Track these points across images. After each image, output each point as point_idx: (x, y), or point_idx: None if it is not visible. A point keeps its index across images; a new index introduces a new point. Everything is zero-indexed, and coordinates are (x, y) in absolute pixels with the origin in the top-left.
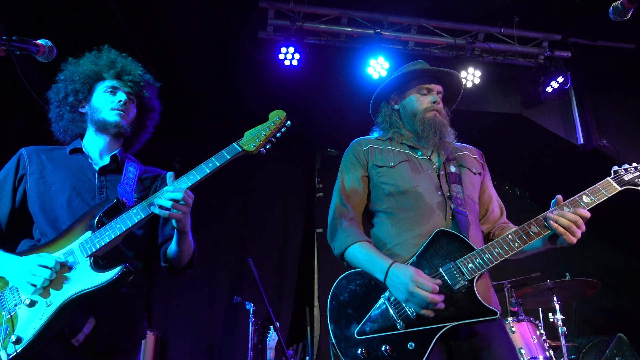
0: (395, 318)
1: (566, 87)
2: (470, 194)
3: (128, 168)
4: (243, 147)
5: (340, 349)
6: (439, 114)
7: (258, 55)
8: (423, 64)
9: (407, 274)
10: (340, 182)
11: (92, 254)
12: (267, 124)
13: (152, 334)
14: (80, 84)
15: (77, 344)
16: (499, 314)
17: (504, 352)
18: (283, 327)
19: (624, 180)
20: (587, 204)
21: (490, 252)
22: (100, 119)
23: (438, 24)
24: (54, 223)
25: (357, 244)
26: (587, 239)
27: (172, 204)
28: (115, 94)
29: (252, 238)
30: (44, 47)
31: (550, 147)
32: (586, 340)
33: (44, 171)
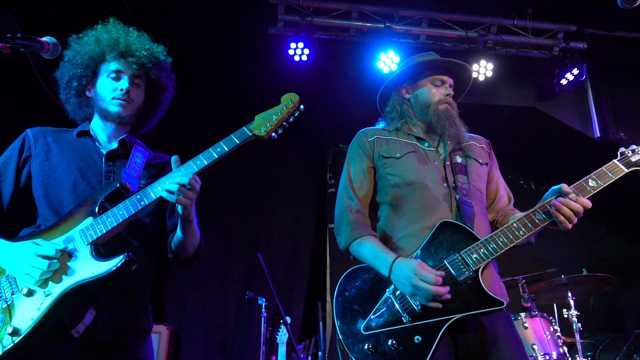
0: (401, 312)
1: (582, 79)
2: (476, 184)
3: (135, 153)
4: (254, 132)
5: (347, 345)
6: (451, 106)
7: (267, 52)
8: (435, 56)
9: (410, 268)
10: (346, 174)
11: (93, 241)
12: (279, 107)
13: (166, 329)
14: (83, 68)
15: (77, 335)
16: (505, 304)
17: (510, 345)
18: (295, 322)
19: (631, 161)
20: (594, 188)
21: (494, 241)
22: (103, 108)
23: (450, 17)
24: (57, 207)
25: (362, 238)
26: (605, 234)
27: (178, 188)
28: (119, 80)
29: (264, 233)
30: (48, 44)
31: (566, 140)
32: (603, 337)
33: (50, 153)
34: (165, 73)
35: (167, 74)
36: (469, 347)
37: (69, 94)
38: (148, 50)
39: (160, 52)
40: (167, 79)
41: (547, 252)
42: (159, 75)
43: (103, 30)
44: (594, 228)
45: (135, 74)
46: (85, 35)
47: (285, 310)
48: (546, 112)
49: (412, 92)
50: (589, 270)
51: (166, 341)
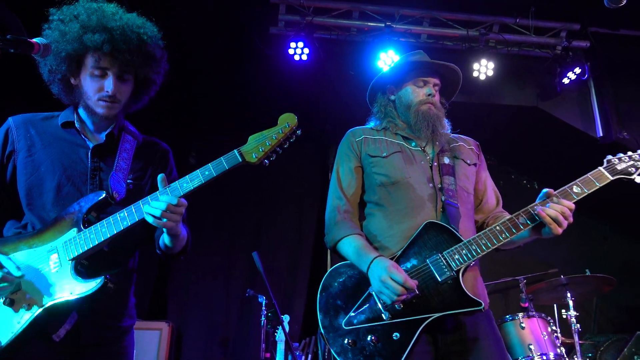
0: (381, 309)
1: (584, 78)
2: (463, 185)
3: (123, 146)
4: (245, 157)
5: (328, 339)
6: (434, 106)
7: (268, 51)
8: (422, 55)
9: (384, 266)
10: (335, 174)
11: (74, 257)
12: (275, 130)
13: (167, 325)
14: (66, 64)
15: (57, 339)
16: (483, 304)
17: (489, 342)
18: (295, 320)
19: (616, 169)
20: (578, 194)
21: (477, 243)
22: (89, 105)
23: (451, 16)
24: (41, 211)
25: (348, 238)
26: (609, 235)
27: (161, 212)
28: (106, 77)
29: (266, 232)
30: (39, 45)
31: (568, 140)
32: (604, 338)
33: (33, 148)
34: (154, 64)
35: (155, 64)
36: (449, 344)
37: (52, 79)
38: (134, 49)
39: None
40: (156, 68)
41: (550, 253)
42: (147, 69)
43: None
44: (597, 228)
45: (122, 70)
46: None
47: (286, 308)
48: (548, 111)
49: (397, 93)
50: (592, 271)
51: (167, 338)
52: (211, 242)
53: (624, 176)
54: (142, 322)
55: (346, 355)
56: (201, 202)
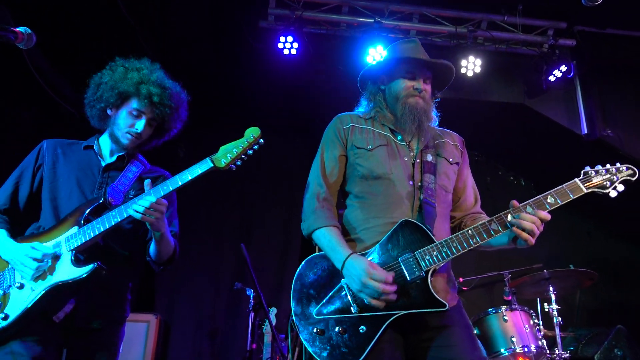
0: (351, 302)
1: (569, 76)
2: (442, 184)
3: (130, 167)
4: (214, 163)
5: (298, 326)
6: (422, 100)
7: (257, 44)
8: (415, 46)
9: (362, 267)
10: (319, 160)
11: (74, 248)
12: (241, 140)
13: (155, 318)
14: (115, 98)
15: (57, 321)
16: (447, 306)
17: (459, 329)
18: (284, 313)
19: (592, 182)
20: (551, 205)
21: (448, 246)
22: (116, 133)
23: (440, 12)
24: (55, 212)
25: (323, 229)
26: (594, 231)
27: (144, 209)
28: (139, 118)
29: (255, 225)
30: (22, 34)
31: (554, 136)
32: (586, 332)
33: (57, 163)
34: (179, 122)
35: (180, 121)
36: (420, 331)
37: (94, 105)
38: (174, 107)
39: (183, 106)
40: (177, 124)
41: (535, 248)
42: (172, 123)
43: (146, 79)
44: (582, 225)
45: (153, 118)
46: (130, 72)
47: (274, 301)
48: (535, 108)
49: (387, 84)
50: (576, 266)
51: (155, 330)
52: (200, 235)
53: (599, 190)
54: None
55: (313, 343)
56: (191, 196)
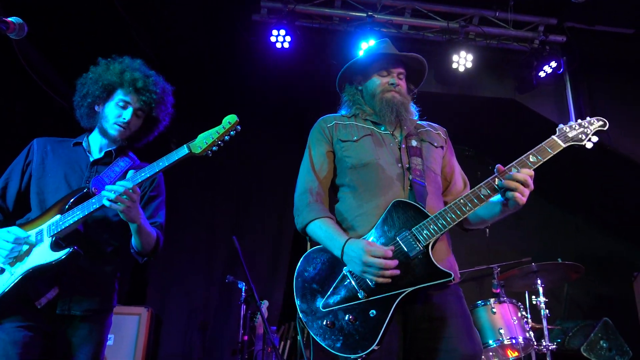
0: (357, 288)
1: (559, 72)
2: (430, 166)
3: (118, 162)
4: (191, 150)
5: (307, 322)
6: (399, 94)
7: (250, 38)
8: (386, 46)
9: (360, 247)
10: (308, 157)
11: (54, 234)
12: (218, 128)
13: (147, 311)
14: (101, 91)
15: (39, 306)
16: (453, 276)
17: (457, 320)
18: (275, 306)
19: (568, 137)
20: (534, 163)
21: (443, 217)
22: (104, 127)
23: (432, 7)
24: (41, 204)
25: (318, 221)
26: (582, 225)
27: (115, 196)
28: (125, 109)
29: (247, 218)
30: (14, 24)
31: (544, 132)
32: (573, 324)
33: (46, 159)
34: (165, 111)
35: (166, 112)
36: (418, 322)
37: (82, 103)
38: (159, 92)
39: (169, 95)
40: (165, 115)
41: (525, 243)
42: (159, 112)
43: (129, 67)
44: (571, 219)
45: (140, 108)
46: (112, 64)
47: (266, 294)
48: (525, 103)
49: (363, 83)
50: (563, 259)
51: (146, 323)
52: (192, 228)
53: (576, 143)
54: (121, 307)
55: (325, 336)
56: (182, 189)
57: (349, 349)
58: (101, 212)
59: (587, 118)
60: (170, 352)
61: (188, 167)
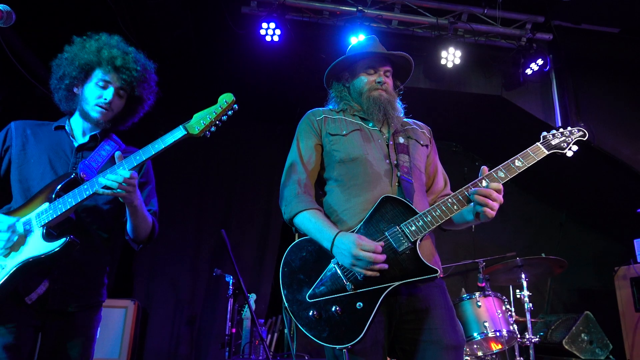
0: (344, 280)
1: (545, 69)
2: (416, 164)
3: (103, 146)
4: (188, 130)
5: (292, 312)
6: (385, 92)
7: (240, 30)
8: (373, 43)
9: (350, 240)
10: (296, 149)
11: (45, 224)
12: (215, 107)
13: (133, 304)
14: (78, 71)
15: (29, 302)
16: (439, 272)
17: (441, 311)
18: (262, 299)
19: (551, 144)
20: (519, 168)
21: (431, 214)
22: (85, 109)
23: (421, 3)
24: (26, 192)
25: (307, 212)
26: (565, 221)
27: (115, 184)
28: (106, 89)
29: (235, 212)
30: (2, 12)
31: (530, 128)
32: (555, 317)
33: (27, 144)
34: (149, 89)
35: (150, 90)
36: (403, 314)
37: (59, 86)
38: (140, 70)
39: (150, 72)
40: (149, 94)
41: (510, 238)
42: (142, 91)
43: (106, 45)
44: (555, 215)
45: (121, 87)
46: (88, 42)
47: (253, 287)
48: (511, 100)
49: (350, 81)
50: (547, 254)
51: (133, 316)
52: (179, 221)
53: (558, 151)
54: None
55: (312, 326)
56: (171, 181)
57: (335, 340)
58: (92, 201)
59: (569, 128)
60: (157, 345)
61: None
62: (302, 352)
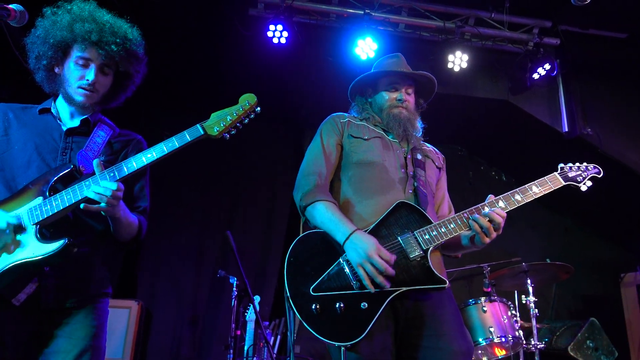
0: (351, 278)
1: (553, 74)
2: (430, 181)
3: (98, 132)
4: (206, 131)
5: (295, 304)
6: (406, 110)
7: (247, 32)
8: (397, 60)
9: (371, 242)
10: (319, 144)
11: (38, 222)
12: (235, 107)
13: (137, 304)
14: (53, 50)
15: (17, 304)
16: (448, 283)
17: (449, 317)
18: (266, 301)
19: (568, 176)
20: (535, 194)
21: (445, 226)
22: (68, 92)
23: (429, 7)
24: (10, 182)
25: (325, 202)
26: (570, 227)
27: (99, 197)
28: (87, 67)
29: (239, 213)
30: (15, 11)
31: (536, 134)
32: (560, 324)
33: (9, 129)
34: (136, 62)
35: (137, 62)
36: (409, 319)
37: (37, 66)
38: (120, 42)
39: (133, 41)
40: (137, 66)
41: (515, 243)
42: (128, 65)
43: (78, 17)
44: (560, 221)
45: (104, 63)
46: (60, 15)
47: (257, 289)
48: (518, 105)
49: (373, 96)
50: (552, 260)
51: (136, 316)
52: (182, 222)
53: (573, 183)
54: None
55: (312, 321)
56: (174, 182)
57: (334, 336)
58: None
59: (585, 164)
60: (160, 346)
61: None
62: (306, 355)
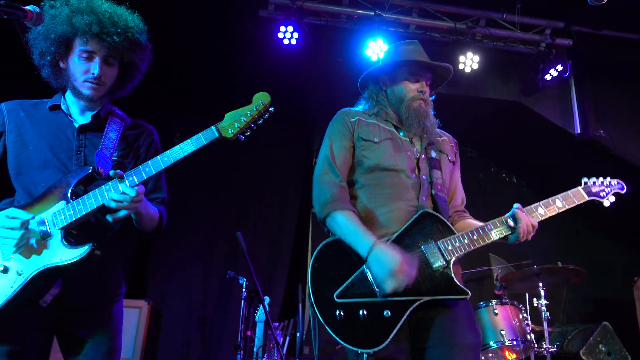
0: (374, 287)
1: (565, 75)
2: (445, 179)
3: (111, 126)
4: (221, 133)
5: (319, 310)
6: (425, 103)
7: (258, 33)
8: (416, 48)
9: (394, 257)
10: (328, 149)
11: (64, 226)
12: (249, 107)
13: (147, 304)
14: (56, 46)
15: (45, 305)
16: (469, 294)
17: (458, 310)
18: (275, 302)
19: (591, 191)
20: (559, 208)
21: (469, 237)
22: (75, 87)
23: (440, 8)
24: (29, 185)
25: (345, 212)
26: (582, 229)
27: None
28: (91, 60)
29: (248, 214)
30: (31, 12)
31: (548, 135)
32: (572, 327)
33: (22, 129)
34: (139, 50)
35: (140, 50)
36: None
37: (42, 62)
38: (121, 32)
39: (135, 29)
40: (141, 54)
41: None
42: (132, 55)
43: (76, 9)
44: (571, 224)
45: (108, 54)
46: (58, 9)
47: (266, 290)
48: (530, 106)
49: (390, 86)
50: (564, 263)
51: (146, 316)
52: (193, 222)
53: (597, 199)
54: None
55: (335, 327)
56: (185, 182)
57: (358, 343)
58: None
59: (609, 178)
60: (170, 346)
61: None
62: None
